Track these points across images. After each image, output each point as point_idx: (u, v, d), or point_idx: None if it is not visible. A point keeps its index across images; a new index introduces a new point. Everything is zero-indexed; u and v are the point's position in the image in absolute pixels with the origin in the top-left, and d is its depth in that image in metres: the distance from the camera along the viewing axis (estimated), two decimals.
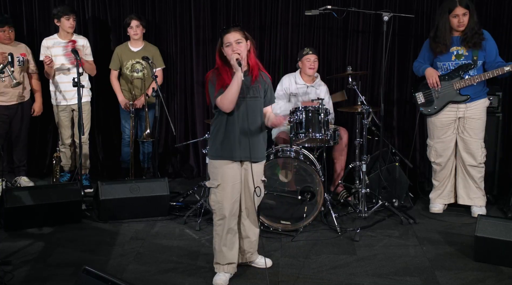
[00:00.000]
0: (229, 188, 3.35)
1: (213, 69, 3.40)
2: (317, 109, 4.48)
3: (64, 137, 5.47)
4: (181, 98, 6.00)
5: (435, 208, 4.83)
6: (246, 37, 3.32)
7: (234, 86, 3.20)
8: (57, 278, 3.50)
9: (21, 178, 5.50)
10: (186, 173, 6.05)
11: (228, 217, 3.38)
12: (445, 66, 4.61)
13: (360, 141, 4.82)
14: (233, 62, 3.22)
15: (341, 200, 5.00)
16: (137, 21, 5.37)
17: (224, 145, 3.33)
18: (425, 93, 4.72)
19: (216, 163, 3.38)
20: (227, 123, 3.33)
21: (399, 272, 3.61)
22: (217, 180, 3.37)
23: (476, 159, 4.62)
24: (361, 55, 5.73)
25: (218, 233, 3.43)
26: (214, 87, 3.30)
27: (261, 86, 3.38)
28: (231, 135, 3.32)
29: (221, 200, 3.36)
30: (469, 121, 4.59)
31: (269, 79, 3.47)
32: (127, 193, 4.59)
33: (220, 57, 3.34)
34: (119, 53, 5.47)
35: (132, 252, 3.93)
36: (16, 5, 5.82)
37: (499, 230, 3.64)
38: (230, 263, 3.45)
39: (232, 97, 3.22)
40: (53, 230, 4.37)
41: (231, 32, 3.27)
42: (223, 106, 3.27)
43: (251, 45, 3.34)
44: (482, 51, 4.50)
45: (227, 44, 3.27)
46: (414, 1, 5.56)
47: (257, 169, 3.42)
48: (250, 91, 3.33)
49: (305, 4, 5.62)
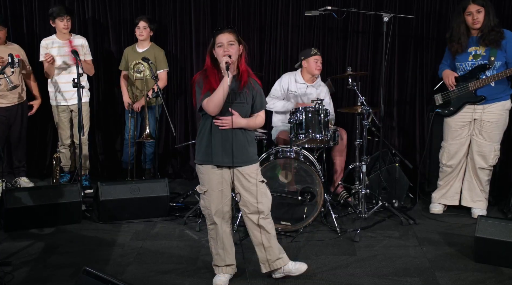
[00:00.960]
0: (216, 194, 3.30)
1: (201, 71, 3.34)
2: (317, 110, 4.48)
3: (63, 138, 5.47)
4: (181, 99, 6.00)
5: (435, 208, 4.82)
6: (239, 40, 3.26)
7: (220, 90, 3.13)
8: (57, 279, 3.50)
9: (21, 179, 5.50)
10: (186, 173, 6.05)
11: (219, 222, 3.36)
12: (462, 66, 4.56)
13: (360, 142, 4.82)
14: (222, 65, 3.14)
15: (341, 201, 5.00)
16: (144, 23, 5.37)
17: (208, 150, 3.27)
18: (443, 95, 4.70)
19: (202, 168, 3.32)
20: (211, 128, 3.26)
21: (399, 272, 3.61)
22: (204, 185, 3.33)
23: (487, 161, 4.57)
24: (361, 56, 5.73)
25: (212, 237, 3.42)
26: (200, 90, 3.23)
27: (249, 92, 3.29)
28: (215, 140, 3.25)
29: (208, 206, 3.33)
30: (485, 124, 4.52)
31: (258, 85, 3.36)
32: (127, 194, 4.59)
33: (211, 58, 3.28)
34: (126, 54, 5.49)
35: (132, 253, 3.93)
36: (16, 6, 5.82)
37: (499, 230, 3.64)
38: (228, 265, 3.45)
39: (217, 101, 3.15)
40: (53, 231, 4.37)
41: (224, 33, 3.20)
42: (208, 109, 3.19)
43: (243, 50, 3.27)
44: (502, 52, 4.40)
45: (218, 45, 3.20)
46: (414, 2, 5.57)
47: (248, 172, 3.31)
48: (237, 97, 3.26)
49: (305, 4, 5.63)
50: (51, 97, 5.41)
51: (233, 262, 3.47)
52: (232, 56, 3.17)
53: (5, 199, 4.30)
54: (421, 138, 5.75)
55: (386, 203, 4.71)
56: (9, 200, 4.30)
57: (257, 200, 3.32)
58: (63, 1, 5.76)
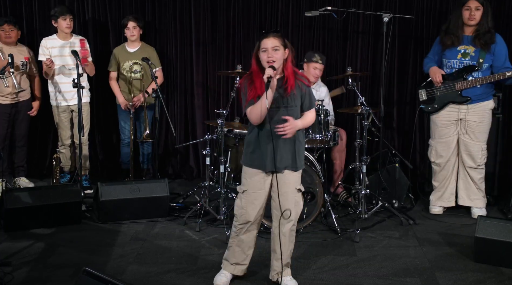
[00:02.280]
0: (254, 195, 3.29)
1: (247, 74, 3.29)
2: (317, 111, 4.47)
3: (63, 138, 5.46)
4: (181, 99, 6.00)
5: (435, 209, 4.83)
6: (285, 44, 3.19)
7: (258, 107, 3.11)
8: (57, 279, 3.50)
9: (21, 179, 5.50)
10: (186, 174, 6.05)
11: (250, 224, 3.34)
12: (450, 63, 4.59)
13: (360, 142, 4.82)
14: (264, 78, 3.07)
15: (341, 201, 5.00)
16: (134, 23, 5.37)
17: (255, 154, 3.27)
18: (428, 91, 4.72)
19: (246, 169, 3.32)
20: (259, 132, 3.24)
21: (399, 273, 3.61)
22: (245, 185, 3.32)
23: (476, 161, 4.61)
24: (361, 56, 5.73)
25: (236, 233, 3.38)
26: (245, 97, 3.20)
27: (296, 94, 3.24)
28: (262, 145, 3.23)
29: (245, 206, 3.31)
30: (470, 124, 4.57)
31: (305, 86, 3.29)
32: (127, 194, 4.59)
33: (256, 62, 3.23)
34: (116, 55, 5.47)
35: (132, 253, 3.93)
36: (16, 6, 5.81)
37: (499, 231, 3.65)
38: (237, 264, 3.43)
39: (258, 114, 3.13)
40: (53, 231, 4.36)
41: (269, 38, 3.14)
42: (251, 119, 3.20)
43: (289, 54, 3.21)
44: (490, 55, 4.46)
45: (263, 49, 3.15)
46: (414, 2, 5.57)
47: (292, 178, 3.30)
48: (284, 101, 3.21)
49: (305, 5, 5.63)
50: (52, 98, 5.41)
51: (245, 262, 3.45)
52: (276, 62, 3.13)
53: (5, 199, 4.29)
54: (421, 138, 5.75)
55: (386, 203, 4.71)
56: (9, 200, 4.30)
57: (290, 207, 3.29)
58: (63, 2, 5.76)
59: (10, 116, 5.28)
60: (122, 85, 5.50)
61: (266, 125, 3.20)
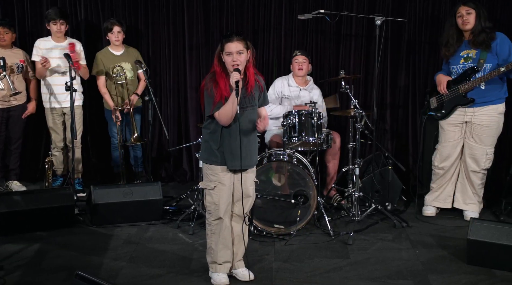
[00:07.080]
0: (224, 190, 3.36)
1: (210, 73, 3.32)
2: (310, 113, 4.49)
3: (56, 141, 5.44)
4: (174, 103, 5.99)
5: (428, 211, 4.84)
6: (248, 47, 3.26)
7: (229, 106, 3.18)
8: (50, 283, 3.48)
9: (13, 183, 5.47)
10: (179, 177, 6.04)
11: (225, 217, 3.40)
12: (455, 70, 4.61)
13: (353, 145, 4.83)
14: (232, 82, 3.15)
15: (334, 204, 5.01)
16: (118, 27, 5.36)
17: (219, 152, 3.33)
18: (437, 98, 4.74)
19: (211, 166, 3.38)
20: (222, 131, 3.31)
21: (392, 275, 3.61)
22: (213, 182, 3.37)
23: (479, 164, 4.59)
24: (354, 59, 5.75)
25: (215, 232, 3.42)
26: (211, 99, 3.24)
27: (255, 93, 3.35)
28: (225, 144, 3.31)
29: (217, 201, 3.36)
30: (475, 127, 4.55)
31: (263, 81, 3.43)
32: (120, 197, 4.58)
33: (219, 63, 3.28)
34: (99, 59, 5.43)
35: (125, 257, 3.91)
36: (8, 7, 5.79)
37: (492, 233, 3.66)
38: (227, 262, 3.46)
39: (229, 116, 3.22)
40: (46, 235, 4.34)
41: (233, 42, 3.18)
42: (221, 121, 3.25)
43: (251, 55, 3.28)
44: (492, 54, 4.44)
45: (227, 53, 3.20)
46: (406, 6, 5.60)
47: (250, 175, 3.46)
48: (246, 100, 3.31)
49: (298, 8, 5.64)
50: (44, 100, 5.38)
51: (231, 259, 3.49)
52: (240, 65, 3.21)
53: None
54: (414, 141, 5.77)
55: (379, 206, 4.72)
56: (1, 203, 4.27)
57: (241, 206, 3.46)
58: (55, 3, 5.74)
59: (3, 120, 5.25)
60: (111, 89, 5.47)
61: (232, 125, 3.28)
